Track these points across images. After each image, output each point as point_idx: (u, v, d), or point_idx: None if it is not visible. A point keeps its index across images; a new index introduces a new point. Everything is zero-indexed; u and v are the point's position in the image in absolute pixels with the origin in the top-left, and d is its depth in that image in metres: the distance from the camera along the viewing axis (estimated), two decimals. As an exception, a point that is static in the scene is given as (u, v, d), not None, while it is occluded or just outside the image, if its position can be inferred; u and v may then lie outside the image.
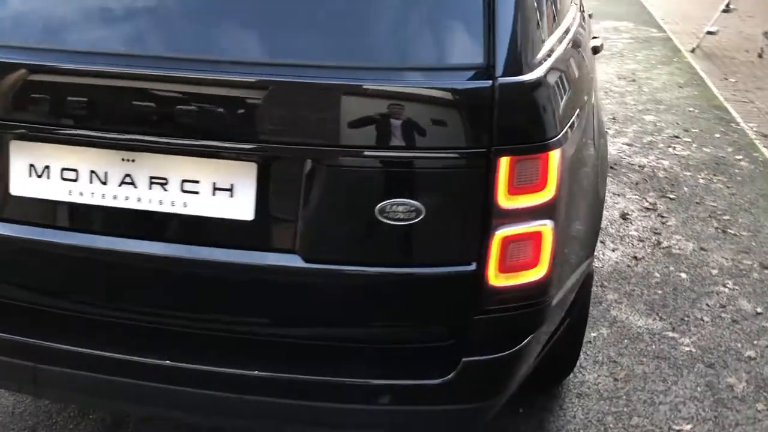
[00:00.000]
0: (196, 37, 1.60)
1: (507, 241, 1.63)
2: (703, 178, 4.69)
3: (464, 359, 1.65)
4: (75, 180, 1.67)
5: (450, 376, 1.65)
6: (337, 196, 1.59)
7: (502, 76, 1.54)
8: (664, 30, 9.41)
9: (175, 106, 1.58)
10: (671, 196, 4.42)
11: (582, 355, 2.89)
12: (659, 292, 3.36)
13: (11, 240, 1.72)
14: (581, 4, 3.29)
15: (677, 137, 5.44)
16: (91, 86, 1.61)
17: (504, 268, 1.65)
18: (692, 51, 8.09)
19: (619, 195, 4.41)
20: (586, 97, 2.04)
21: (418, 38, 1.58)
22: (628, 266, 3.58)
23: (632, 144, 5.28)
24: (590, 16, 3.80)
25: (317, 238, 1.62)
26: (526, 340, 1.73)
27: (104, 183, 1.66)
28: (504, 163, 1.56)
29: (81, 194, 1.68)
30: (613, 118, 5.85)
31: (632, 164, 4.90)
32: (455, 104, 1.55)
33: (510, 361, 1.72)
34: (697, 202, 4.33)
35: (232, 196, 1.62)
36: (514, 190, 1.60)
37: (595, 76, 2.59)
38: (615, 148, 5.19)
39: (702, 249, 3.78)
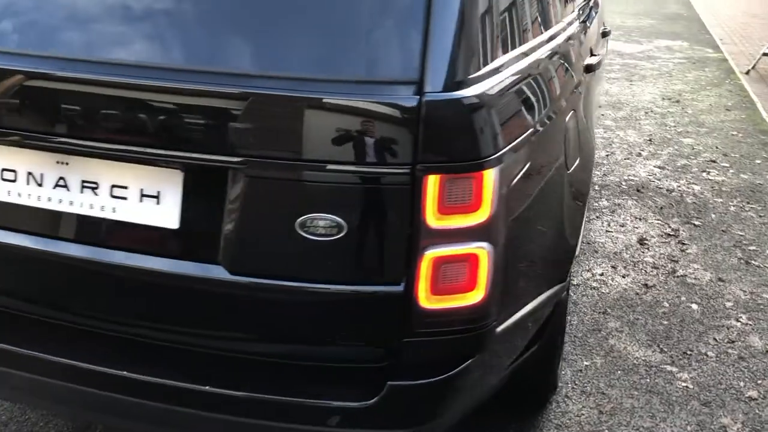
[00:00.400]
0: (126, 42, 1.59)
1: (439, 262, 1.57)
2: (734, 206, 4.48)
3: (390, 383, 1.59)
4: (14, 181, 1.69)
5: (374, 400, 1.58)
6: (258, 208, 1.55)
7: (431, 92, 1.48)
8: (721, 50, 9.11)
9: (104, 110, 1.57)
10: (696, 222, 4.23)
11: (569, 384, 2.78)
12: (665, 322, 3.21)
13: None
14: (588, 19, 3.18)
15: (714, 161, 5.23)
16: (26, 88, 1.62)
17: (436, 290, 1.59)
18: (747, 73, 7.80)
19: (640, 219, 4.25)
20: (554, 115, 1.95)
21: (348, 50, 1.53)
22: (637, 294, 3.44)
23: (664, 167, 5.10)
24: (604, 34, 3.68)
25: (240, 250, 1.58)
26: (461, 367, 1.66)
27: (40, 185, 1.67)
28: (432, 181, 1.50)
29: (19, 195, 1.69)
30: (649, 140, 5.66)
31: (660, 188, 4.73)
32: (379, 119, 1.50)
33: (442, 388, 1.64)
34: (723, 231, 4.14)
35: (158, 203, 1.61)
36: (444, 209, 1.53)
37: (585, 93, 2.49)
38: (645, 170, 5.03)
39: (720, 280, 3.60)
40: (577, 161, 2.18)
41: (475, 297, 1.62)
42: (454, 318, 1.63)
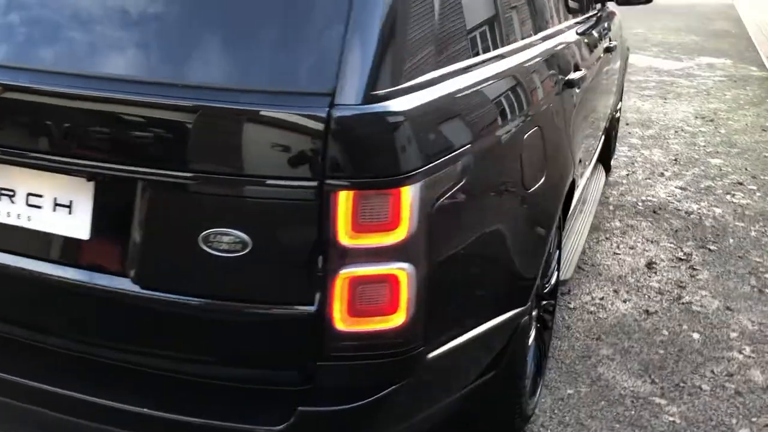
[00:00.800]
0: (37, 48, 1.57)
1: (355, 283, 1.49)
2: (756, 231, 4.27)
3: (300, 408, 1.51)
4: (-62, 187, 1.68)
5: (282, 426, 1.51)
6: (164, 221, 1.51)
7: (342, 105, 1.41)
8: (767, 68, 8.78)
9: (19, 117, 1.55)
10: (712, 247, 4.04)
11: (547, 413, 2.65)
12: (661, 351, 3.05)
13: None
14: (588, 32, 3.06)
15: (741, 184, 5.01)
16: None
17: (354, 311, 1.51)
18: (790, 92, 7.50)
19: (652, 242, 4.08)
20: (506, 132, 1.85)
21: (261, 59, 1.47)
22: (635, 320, 3.28)
23: (686, 188, 4.90)
24: (608, 49, 3.54)
25: (148, 263, 1.54)
26: (382, 394, 1.57)
27: None
28: (343, 197, 1.43)
29: None
30: (675, 160, 5.46)
31: (678, 210, 4.54)
32: (286, 131, 1.43)
33: (360, 415, 1.56)
34: (739, 256, 3.94)
35: (71, 213, 1.58)
36: (359, 227, 1.45)
37: (564, 109, 2.37)
38: (666, 191, 4.84)
39: (728, 308, 3.41)
40: (541, 181, 2.07)
41: (396, 320, 1.54)
42: (374, 342, 1.54)
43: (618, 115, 5.16)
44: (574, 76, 2.49)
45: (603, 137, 4.28)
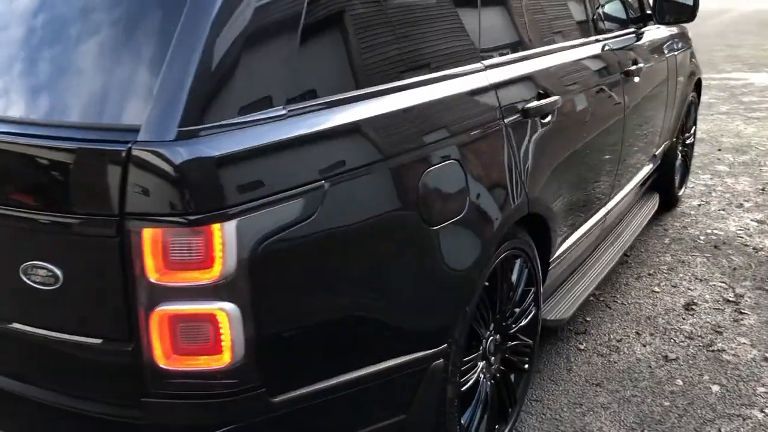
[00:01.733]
0: None
1: (174, 321, 1.47)
2: (832, 272, 3.79)
3: (129, 445, 1.52)
4: None
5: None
6: None
7: (144, 141, 1.40)
8: None
9: None
10: (771, 288, 3.63)
11: (511, 464, 2.47)
12: (666, 403, 2.76)
13: None
14: (607, 57, 2.86)
15: (833, 218, 4.47)
16: None
17: (178, 350, 1.49)
18: None
19: (701, 280, 3.72)
20: (386, 168, 1.74)
21: (76, 92, 1.50)
22: (649, 367, 3.00)
23: (765, 221, 4.43)
24: (627, 72, 3.23)
25: None
26: (215, 434, 1.54)
27: None
28: (149, 234, 1.41)
29: None
30: (762, 189, 4.97)
31: (746, 245, 4.11)
32: (88, 166, 1.43)
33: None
34: (802, 301, 3.51)
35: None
36: (171, 264, 1.43)
37: (493, 141, 2.15)
38: (738, 224, 4.41)
39: (766, 359, 3.04)
40: (458, 217, 1.94)
41: (222, 360, 1.50)
42: (201, 381, 1.51)
43: (691, 140, 4.77)
44: (534, 104, 2.32)
45: (652, 165, 3.98)
